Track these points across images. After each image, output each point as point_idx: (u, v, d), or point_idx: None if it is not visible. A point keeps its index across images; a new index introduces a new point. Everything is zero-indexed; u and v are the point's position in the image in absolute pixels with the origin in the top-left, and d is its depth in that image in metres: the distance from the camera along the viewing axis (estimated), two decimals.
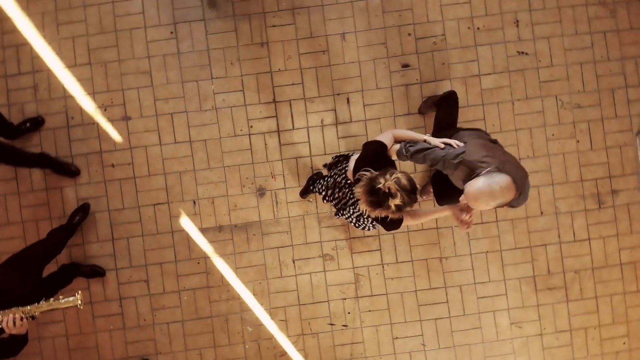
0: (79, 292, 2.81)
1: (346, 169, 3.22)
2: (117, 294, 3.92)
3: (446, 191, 3.14)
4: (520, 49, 3.97)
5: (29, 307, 2.73)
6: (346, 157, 3.33)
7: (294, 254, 3.96)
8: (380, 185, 2.52)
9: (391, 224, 2.79)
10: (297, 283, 3.97)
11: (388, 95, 3.97)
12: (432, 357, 3.99)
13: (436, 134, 3.10)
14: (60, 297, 2.80)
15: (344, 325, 3.98)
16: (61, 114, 3.89)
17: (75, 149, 3.89)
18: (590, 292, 4.00)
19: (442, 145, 2.75)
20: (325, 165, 3.82)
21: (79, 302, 2.78)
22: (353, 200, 3.13)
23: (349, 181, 3.15)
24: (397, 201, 2.51)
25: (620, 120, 3.99)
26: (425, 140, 2.81)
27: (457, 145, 2.72)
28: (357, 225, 3.27)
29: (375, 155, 2.77)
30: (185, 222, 3.93)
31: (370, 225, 3.20)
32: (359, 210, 3.09)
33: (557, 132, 3.98)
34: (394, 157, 2.85)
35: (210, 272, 3.94)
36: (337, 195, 3.27)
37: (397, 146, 2.82)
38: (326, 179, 3.44)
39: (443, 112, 3.29)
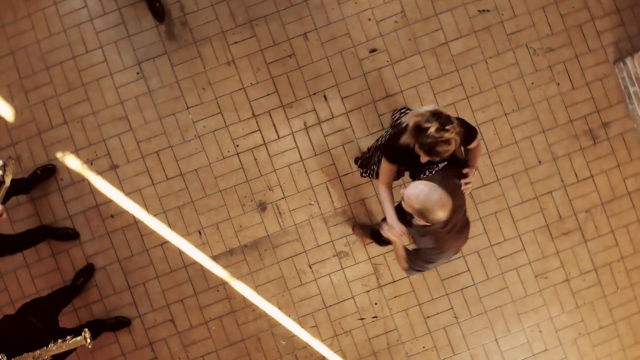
0: (86, 330, 2.84)
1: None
2: (147, 340, 3.93)
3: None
4: (480, 7, 3.97)
5: (38, 352, 2.77)
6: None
7: (308, 259, 3.97)
8: (448, 122, 2.42)
9: (385, 146, 2.77)
10: (318, 287, 3.97)
11: (363, 83, 3.97)
12: (466, 327, 3.99)
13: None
14: (68, 337, 2.85)
15: (374, 317, 3.98)
16: (50, 178, 3.89)
17: (72, 209, 3.90)
18: (605, 227, 4.00)
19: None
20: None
21: (87, 340, 2.83)
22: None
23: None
24: (434, 132, 2.38)
25: (595, 54, 3.99)
26: None
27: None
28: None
29: None
30: (196, 254, 3.94)
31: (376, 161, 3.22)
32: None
33: (536, 79, 3.98)
34: None
35: (231, 297, 3.95)
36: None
37: None
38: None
39: None
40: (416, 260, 2.76)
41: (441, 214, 2.41)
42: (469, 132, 2.70)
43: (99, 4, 3.92)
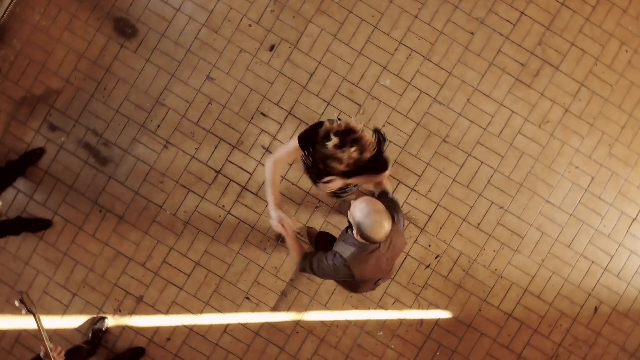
0: None
1: None
2: None
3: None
4: None
5: None
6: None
7: None
8: (349, 145, 2.40)
9: (307, 130, 2.73)
10: None
11: (284, 80, 3.97)
12: (516, 209, 4.00)
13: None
14: None
15: (436, 258, 4.00)
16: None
17: None
18: (564, 45, 3.99)
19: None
20: None
21: None
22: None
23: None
24: (331, 146, 2.38)
25: None
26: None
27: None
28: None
29: None
30: (257, 317, 3.96)
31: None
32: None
33: None
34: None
35: (312, 329, 3.97)
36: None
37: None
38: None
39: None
40: (315, 261, 2.66)
41: (378, 234, 2.34)
42: (376, 164, 2.65)
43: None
